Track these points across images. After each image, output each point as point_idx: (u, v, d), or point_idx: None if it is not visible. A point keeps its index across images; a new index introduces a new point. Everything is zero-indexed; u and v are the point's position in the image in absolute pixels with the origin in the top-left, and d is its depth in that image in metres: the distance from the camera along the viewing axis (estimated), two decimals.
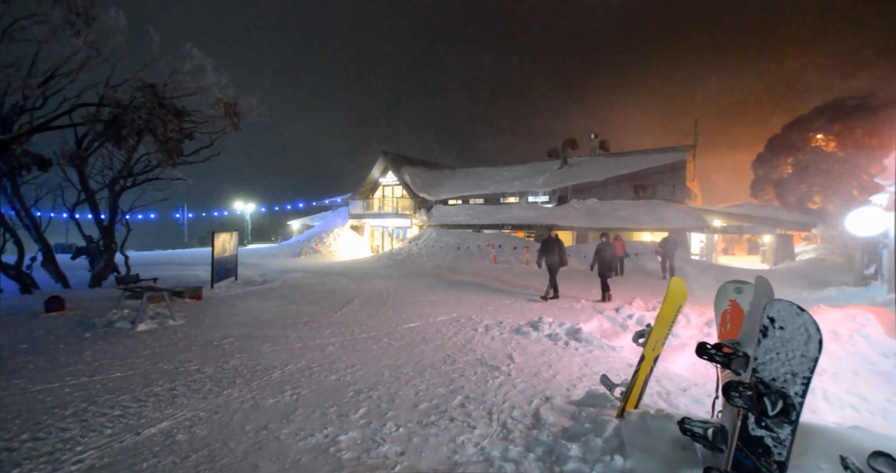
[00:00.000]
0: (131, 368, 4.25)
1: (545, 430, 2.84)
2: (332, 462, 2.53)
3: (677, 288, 2.80)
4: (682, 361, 4.61)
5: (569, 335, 5.42)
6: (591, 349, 4.91)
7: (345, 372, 4.12)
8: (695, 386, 3.79)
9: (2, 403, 3.38)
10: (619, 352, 4.86)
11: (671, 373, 4.18)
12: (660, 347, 2.84)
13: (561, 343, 5.14)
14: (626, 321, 6.34)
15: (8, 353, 4.71)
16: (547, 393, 3.58)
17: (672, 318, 2.82)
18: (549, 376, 4.04)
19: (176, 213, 35.40)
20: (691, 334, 5.70)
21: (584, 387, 3.71)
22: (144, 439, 2.80)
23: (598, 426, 2.58)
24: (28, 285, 9.49)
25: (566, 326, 5.75)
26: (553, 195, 19.89)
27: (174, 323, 6.25)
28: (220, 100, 10.26)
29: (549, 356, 4.66)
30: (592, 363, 4.42)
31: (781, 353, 1.59)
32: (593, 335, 5.40)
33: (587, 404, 3.15)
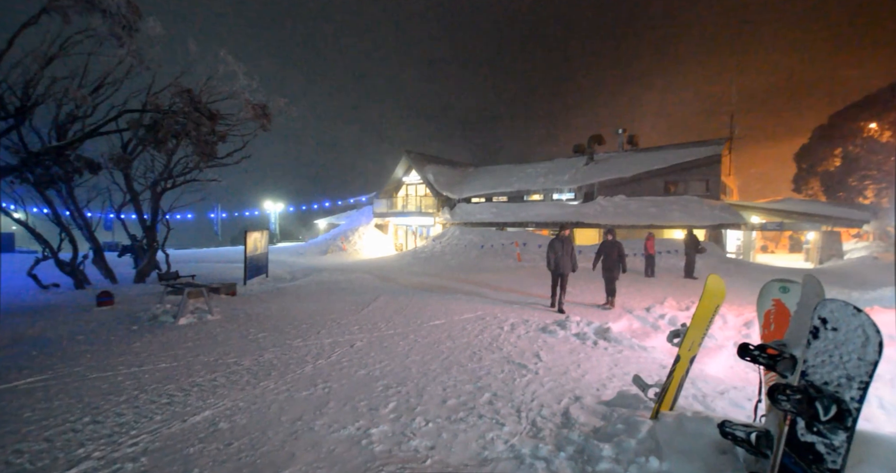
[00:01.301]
0: (175, 359, 4.51)
1: (576, 429, 2.81)
2: (364, 453, 2.59)
3: (715, 287, 2.70)
4: (719, 363, 4.44)
5: (597, 334, 5.32)
6: (621, 349, 4.80)
7: (373, 367, 4.21)
8: (733, 389, 3.64)
9: (66, 388, 3.67)
10: (650, 353, 4.73)
11: (707, 375, 4.03)
12: (696, 347, 2.74)
13: (589, 343, 5.04)
14: (658, 320, 6.15)
15: (67, 343, 5.10)
16: (576, 393, 3.53)
17: (709, 318, 2.72)
18: (578, 375, 3.98)
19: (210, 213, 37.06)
20: (728, 335, 5.47)
21: (614, 387, 3.64)
22: (190, 426, 2.97)
23: (632, 427, 2.53)
24: (81, 281, 10.20)
25: (594, 325, 5.64)
26: (579, 192, 19.48)
27: (212, 318, 6.56)
28: (250, 102, 10.64)
29: (578, 356, 4.59)
30: (623, 364, 4.32)
31: (834, 356, 1.51)
32: (623, 334, 5.27)
33: (619, 404, 3.08)
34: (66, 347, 4.95)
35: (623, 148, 23.02)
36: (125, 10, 8.10)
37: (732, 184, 21.41)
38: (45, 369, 4.20)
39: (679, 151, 19.35)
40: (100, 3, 7.80)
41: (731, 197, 20.60)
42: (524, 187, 21.31)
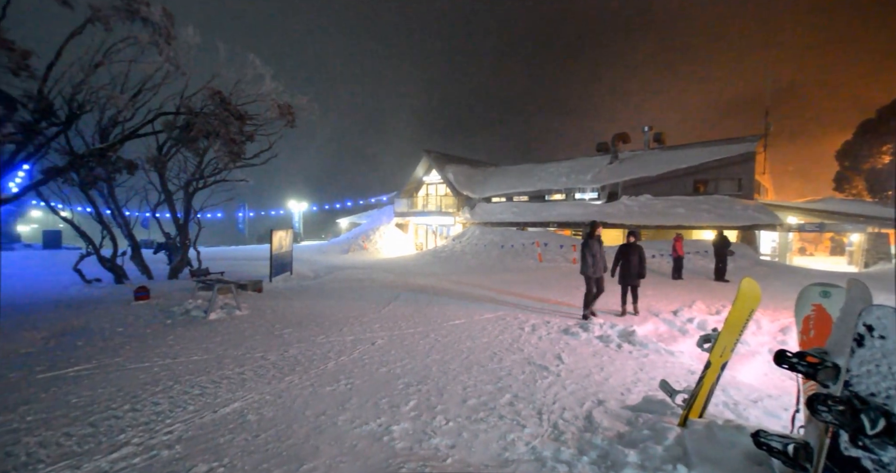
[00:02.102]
0: (206, 352, 4.70)
1: (599, 434, 2.75)
2: (386, 450, 2.63)
3: (750, 290, 2.59)
4: (752, 370, 4.25)
5: (621, 337, 5.19)
6: (647, 353, 4.67)
7: (394, 365, 4.26)
8: (768, 398, 3.48)
9: (108, 377, 3.89)
10: (677, 357, 4.58)
11: (739, 382, 3.86)
12: (728, 353, 2.64)
13: (613, 346, 4.93)
14: (686, 324, 5.94)
15: (109, 335, 5.40)
16: (599, 396, 3.46)
17: (743, 322, 2.61)
18: (601, 378, 3.90)
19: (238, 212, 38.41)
20: (762, 341, 5.23)
21: (640, 392, 3.54)
22: (220, 417, 3.09)
23: (658, 433, 2.46)
24: (120, 276, 10.78)
25: (618, 328, 5.51)
26: (602, 192, 19.05)
27: (240, 313, 6.80)
28: (276, 102, 10.96)
29: (601, 359, 4.49)
30: (649, 368, 4.20)
31: (882, 365, 1.42)
32: (648, 338, 5.13)
33: (644, 410, 3.00)
34: (107, 338, 5.25)
35: (649, 146, 22.34)
36: (161, 17, 8.50)
37: (767, 183, 20.42)
38: (90, 358, 4.47)
39: (709, 148, 18.62)
40: (139, 12, 8.21)
41: (766, 196, 19.66)
42: (545, 186, 21.02)
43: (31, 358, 4.52)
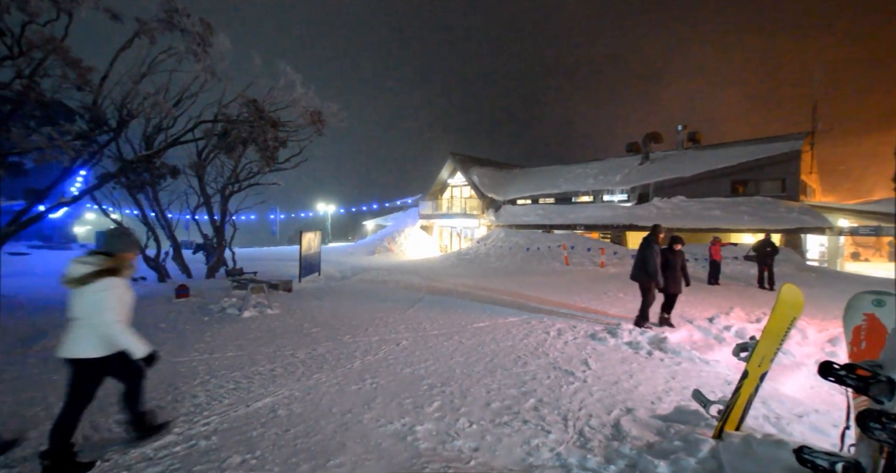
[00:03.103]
0: (240, 349, 4.91)
1: (627, 443, 2.67)
2: (410, 449, 2.66)
3: (790, 297, 2.44)
4: (797, 382, 3.99)
5: (652, 344, 5.01)
6: (679, 361, 4.48)
7: (418, 366, 4.30)
8: (814, 413, 3.26)
9: (152, 369, 4.14)
10: (713, 367, 4.37)
11: (782, 395, 3.64)
12: (767, 363, 2.50)
13: (643, 353, 4.76)
14: (723, 332, 5.66)
15: (153, 330, 5.76)
16: (628, 404, 3.35)
17: (783, 331, 2.47)
18: (630, 386, 3.78)
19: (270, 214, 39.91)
20: (808, 351, 4.90)
21: (671, 402, 3.41)
22: (253, 411, 3.22)
23: (691, 445, 2.36)
24: (163, 275, 11.46)
25: (649, 334, 5.32)
26: (632, 193, 18.46)
27: (271, 312, 7.06)
28: (307, 109, 11.35)
29: (630, 366, 4.35)
30: (681, 377, 4.03)
31: None
32: (681, 345, 4.92)
33: (676, 420, 2.89)
34: (152, 333, 5.59)
35: (683, 146, 21.46)
36: (199, 27, 9.00)
37: (814, 183, 19.12)
38: None
39: (749, 147, 17.66)
40: (179, 23, 8.74)
41: (813, 198, 18.41)
42: (572, 188, 20.60)
43: None
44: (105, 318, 2.36)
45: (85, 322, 2.38)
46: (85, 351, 2.39)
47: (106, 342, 2.42)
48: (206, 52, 9.50)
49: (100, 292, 2.38)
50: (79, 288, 2.38)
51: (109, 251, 2.51)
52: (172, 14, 8.61)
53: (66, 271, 2.42)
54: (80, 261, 2.43)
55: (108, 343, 2.42)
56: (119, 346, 2.44)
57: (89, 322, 2.38)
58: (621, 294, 8.92)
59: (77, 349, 2.38)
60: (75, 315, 2.40)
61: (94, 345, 2.40)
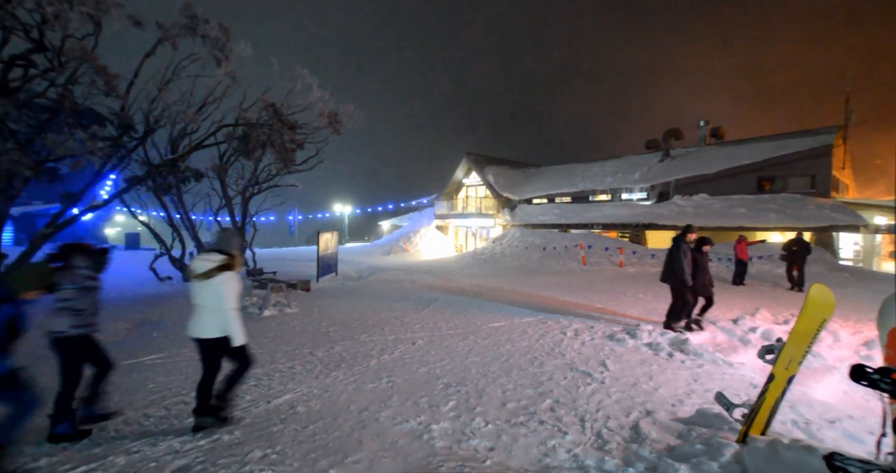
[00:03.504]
0: (260, 347, 5.04)
1: (647, 445, 2.62)
2: (425, 448, 2.68)
3: (820, 298, 2.35)
4: (829, 387, 3.83)
5: (673, 345, 4.89)
6: (702, 364, 4.36)
7: (434, 365, 4.32)
8: (848, 419, 3.12)
9: (178, 366, 4.31)
10: (737, 369, 4.23)
11: (812, 400, 3.50)
12: (795, 366, 2.41)
13: (663, 354, 4.66)
14: (748, 334, 5.48)
15: (178, 328, 5.96)
16: (647, 406, 3.29)
17: (812, 333, 2.37)
18: (650, 388, 3.70)
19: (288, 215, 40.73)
20: (841, 355, 4.70)
21: (692, 404, 3.32)
22: (273, 407, 3.31)
23: (713, 448, 2.30)
24: (187, 275, 11.85)
25: (670, 335, 5.20)
26: (652, 191, 18.05)
27: (290, 311, 7.22)
28: (324, 110, 11.54)
29: (650, 367, 4.26)
30: (704, 379, 3.93)
31: None
32: (704, 347, 4.79)
33: (698, 423, 2.81)
34: (177, 331, 5.79)
35: (705, 142, 20.84)
36: (218, 33, 9.27)
37: (847, 179, 18.26)
38: (162, 349, 4.96)
39: (776, 142, 17.02)
40: (199, 29, 9.03)
41: (847, 194, 17.59)
42: (589, 186, 20.28)
43: (117, 346, 5.10)
44: (224, 305, 2.80)
45: (209, 309, 2.81)
46: (208, 332, 2.82)
47: (223, 326, 2.82)
48: (227, 57, 9.78)
49: (221, 284, 2.81)
50: (204, 281, 2.80)
51: (224, 250, 2.92)
52: (193, 19, 8.89)
53: (192, 266, 2.85)
54: (203, 258, 2.86)
55: (225, 327, 2.82)
56: (228, 331, 2.82)
57: (213, 309, 2.80)
58: (640, 295, 8.74)
59: (203, 330, 2.83)
60: (201, 303, 2.83)
61: (215, 328, 2.82)
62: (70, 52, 7.09)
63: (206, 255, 2.90)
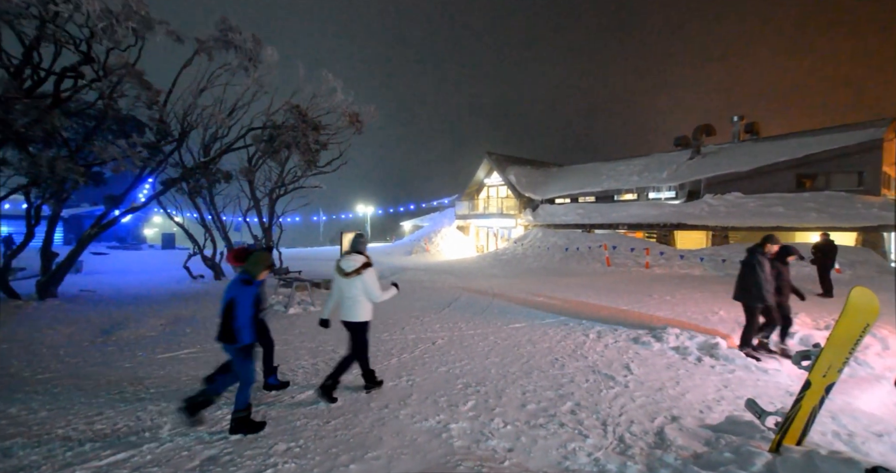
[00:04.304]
0: (286, 344, 5.20)
1: (672, 452, 2.53)
2: (444, 446, 2.69)
3: (862, 302, 2.21)
4: (877, 397, 3.59)
5: (702, 349, 4.70)
6: (733, 369, 4.17)
7: (453, 365, 4.32)
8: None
9: (209, 360, 4.50)
10: (772, 376, 4.03)
11: (857, 410, 3.28)
12: (835, 374, 2.28)
13: (691, 358, 4.49)
14: (785, 339, 5.18)
15: (209, 324, 6.24)
16: (673, 412, 3.18)
17: (854, 339, 2.23)
18: (677, 393, 3.58)
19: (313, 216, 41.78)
20: (890, 363, 4.38)
21: (722, 411, 3.19)
22: (297, 402, 3.41)
23: (743, 457, 2.20)
24: (218, 273, 12.35)
25: (698, 339, 5.00)
26: (681, 190, 17.40)
27: (314, 309, 7.40)
28: (346, 111, 11.78)
29: (677, 372, 4.12)
30: (735, 386, 3.76)
31: None
32: (736, 352, 4.58)
33: (727, 430, 2.70)
34: (208, 327, 6.06)
35: (739, 138, 19.90)
36: (251, 43, 9.63)
37: None
38: (195, 343, 5.20)
39: (818, 138, 16.05)
40: (233, 41, 9.41)
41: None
42: (615, 185, 19.75)
43: (153, 341, 5.39)
44: (373, 295, 3.46)
45: (358, 299, 3.46)
46: (359, 316, 3.49)
47: (370, 311, 3.52)
48: (255, 66, 10.15)
49: (368, 279, 3.44)
50: (352, 277, 3.43)
51: (361, 251, 3.57)
52: (227, 32, 9.29)
53: (341, 265, 3.48)
54: (348, 259, 3.50)
55: (371, 312, 3.53)
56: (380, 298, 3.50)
57: (362, 299, 3.47)
58: (668, 297, 8.45)
59: (354, 315, 3.48)
60: (351, 295, 3.46)
61: (363, 313, 3.49)
62: (114, 63, 7.56)
63: (349, 256, 3.53)
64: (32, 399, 3.46)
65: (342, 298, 3.51)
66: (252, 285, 2.95)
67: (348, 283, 3.45)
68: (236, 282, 2.93)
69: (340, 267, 3.48)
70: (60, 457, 2.56)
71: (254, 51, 9.60)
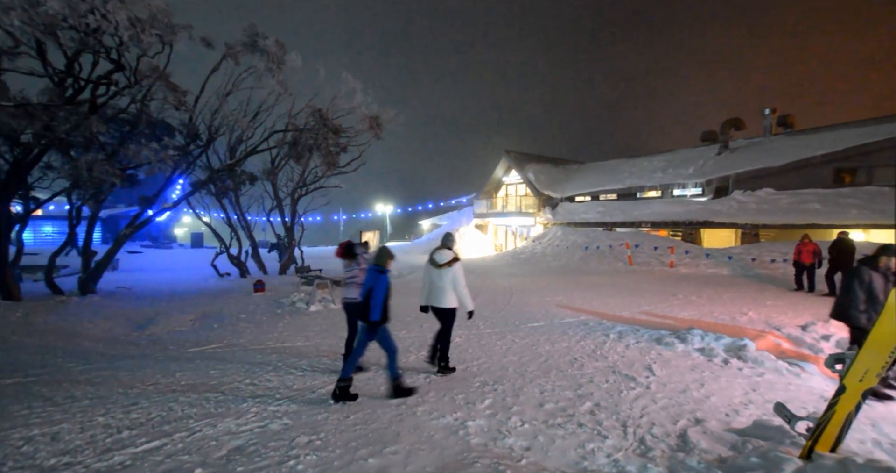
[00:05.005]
0: (307, 340, 5.34)
1: (695, 455, 2.47)
2: (461, 443, 2.71)
3: None
4: None
5: (728, 351, 4.54)
6: (762, 372, 4.01)
7: (471, 363, 4.33)
8: None
9: (235, 356, 4.68)
10: (804, 380, 3.85)
11: None
12: (872, 378, 2.16)
13: (717, 360, 4.34)
14: (819, 342, 4.96)
15: (235, 320, 6.48)
16: (697, 415, 3.08)
17: (894, 343, 2.11)
18: (701, 396, 3.47)
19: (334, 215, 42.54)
20: None
21: (750, 415, 3.07)
22: (318, 397, 3.50)
23: (771, 463, 2.12)
24: (243, 271, 12.78)
25: (725, 341, 4.82)
26: (708, 187, 16.76)
27: (334, 307, 7.56)
28: (366, 115, 11.93)
29: (701, 374, 3.99)
30: (764, 389, 3.61)
31: None
32: (766, 355, 4.39)
33: (754, 435, 2.60)
34: (234, 323, 6.29)
35: (771, 132, 19.00)
36: (275, 47, 9.89)
37: None
38: (222, 339, 5.41)
39: (858, 130, 15.14)
40: (260, 45, 9.69)
41: None
42: (637, 182, 19.21)
43: (183, 336, 5.64)
44: (460, 285, 3.97)
45: (448, 288, 3.96)
46: (448, 303, 3.99)
47: (457, 299, 4.01)
48: (280, 69, 10.42)
49: (457, 272, 3.97)
50: (444, 269, 3.94)
51: (450, 247, 4.13)
52: (255, 38, 9.58)
53: (434, 258, 4.03)
54: (440, 253, 4.04)
55: (458, 300, 4.01)
56: (462, 303, 4.03)
57: (451, 288, 3.97)
58: (693, 297, 8.19)
59: (444, 302, 3.98)
60: (441, 285, 3.96)
61: (452, 300, 3.99)
62: (144, 69, 7.92)
63: (441, 251, 4.08)
64: (76, 388, 3.69)
65: (432, 287, 3.99)
66: (384, 274, 3.43)
67: (439, 273, 3.95)
68: (373, 272, 3.44)
69: (434, 259, 4.00)
70: (101, 443, 2.72)
71: (277, 54, 9.85)
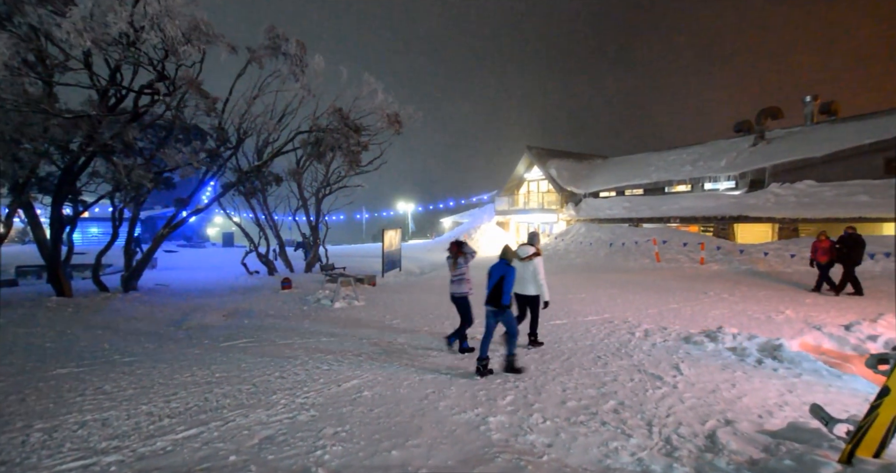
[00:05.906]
0: (332, 336, 5.49)
1: (724, 456, 2.39)
2: (482, 439, 2.73)
3: None
4: None
5: (762, 351, 4.35)
6: (799, 373, 3.83)
7: (492, 360, 4.33)
8: None
9: (264, 350, 4.88)
10: (846, 382, 3.65)
11: None
12: None
13: (750, 360, 4.17)
14: (864, 342, 4.68)
15: (264, 316, 6.73)
16: (727, 415, 2.99)
17: None
18: (732, 396, 3.35)
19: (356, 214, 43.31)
20: None
21: (784, 417, 2.95)
22: (343, 390, 3.60)
23: (807, 466, 2.03)
24: (271, 269, 13.23)
25: (759, 340, 4.63)
26: (742, 180, 16.00)
27: (358, 304, 7.72)
28: (385, 112, 12.06)
29: (733, 373, 3.85)
30: (800, 390, 3.45)
31: None
32: (803, 355, 4.19)
33: (789, 437, 2.50)
34: (263, 319, 6.54)
35: (812, 120, 17.88)
36: (297, 50, 10.14)
37: None
38: (252, 334, 5.64)
39: None
40: (281, 48, 9.97)
41: None
42: (665, 176, 18.54)
43: (216, 331, 5.91)
44: (540, 277, 4.65)
45: (530, 279, 4.64)
46: (530, 292, 4.71)
47: (537, 288, 4.67)
48: (303, 72, 10.69)
49: (537, 265, 4.63)
50: (526, 262, 4.59)
51: (533, 243, 4.81)
52: (276, 40, 9.86)
53: (518, 252, 4.57)
54: (524, 248, 4.72)
55: (538, 289, 4.67)
56: (541, 292, 4.69)
57: (531, 279, 4.64)
58: (726, 295, 7.87)
59: (527, 290, 4.70)
60: (525, 276, 4.61)
61: (533, 289, 4.69)
62: (182, 78, 8.31)
63: (524, 246, 4.76)
64: (122, 379, 3.95)
65: (518, 278, 4.42)
66: (512, 266, 3.99)
67: (523, 266, 4.55)
68: (501, 265, 4.00)
69: (518, 254, 4.47)
70: (145, 429, 2.91)
71: (299, 56, 10.09)
